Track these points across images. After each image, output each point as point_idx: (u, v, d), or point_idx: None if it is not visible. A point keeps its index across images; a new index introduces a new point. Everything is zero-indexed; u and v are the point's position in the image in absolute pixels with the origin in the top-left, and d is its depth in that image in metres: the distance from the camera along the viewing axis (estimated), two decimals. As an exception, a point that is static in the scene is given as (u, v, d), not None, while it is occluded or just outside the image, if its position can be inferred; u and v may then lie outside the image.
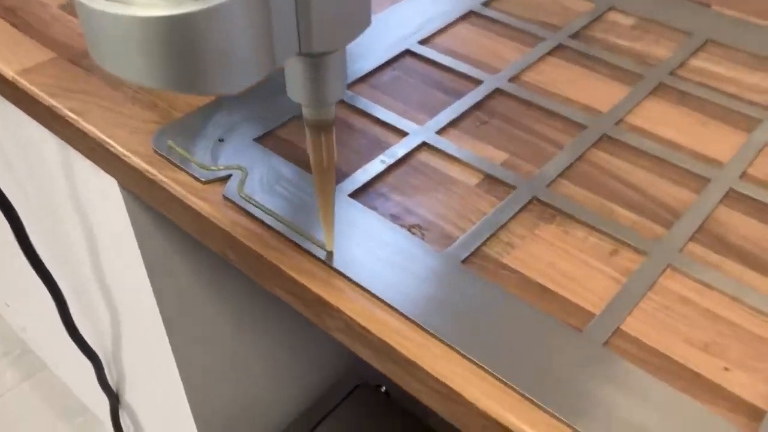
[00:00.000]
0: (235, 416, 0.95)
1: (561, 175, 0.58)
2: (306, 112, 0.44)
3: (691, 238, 0.52)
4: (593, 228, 0.53)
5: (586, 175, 0.58)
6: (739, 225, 0.54)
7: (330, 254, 0.50)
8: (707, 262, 0.51)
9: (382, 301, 0.47)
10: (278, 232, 0.52)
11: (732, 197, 0.56)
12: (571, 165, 0.59)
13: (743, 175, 0.58)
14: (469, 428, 0.44)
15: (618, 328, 0.46)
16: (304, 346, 1.01)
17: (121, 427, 1.09)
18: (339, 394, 1.12)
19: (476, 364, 0.44)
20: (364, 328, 0.47)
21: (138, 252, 0.69)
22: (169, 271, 0.74)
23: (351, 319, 0.47)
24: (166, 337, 0.77)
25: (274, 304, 0.87)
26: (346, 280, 0.49)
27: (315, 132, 0.45)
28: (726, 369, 0.44)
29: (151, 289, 0.73)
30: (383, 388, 1.13)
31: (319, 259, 0.50)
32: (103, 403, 1.08)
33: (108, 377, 1.01)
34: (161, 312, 0.75)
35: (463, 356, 0.44)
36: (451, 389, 0.43)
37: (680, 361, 0.45)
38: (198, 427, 0.89)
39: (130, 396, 1.05)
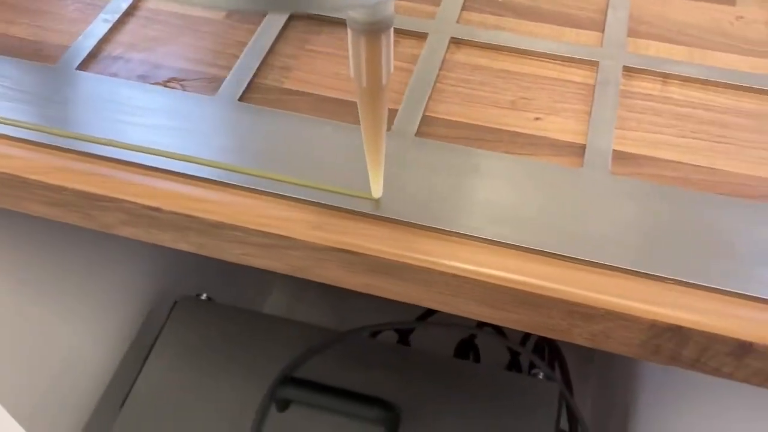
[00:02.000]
0: (47, 390, 0.83)
1: (314, -18, 0.51)
2: (360, 12, 0.30)
3: (464, 8, 0.49)
4: (366, 25, 0.48)
5: (340, -24, 0.52)
6: (504, -17, 0.51)
7: (377, 201, 0.38)
8: (487, 25, 0.48)
9: (169, 171, 0.39)
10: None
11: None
12: (320, -30, 0.52)
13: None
14: (306, 270, 0.39)
15: (423, 115, 0.43)
16: (101, 289, 0.89)
17: None
18: (160, 318, 1.03)
19: (301, 200, 0.38)
20: (151, 207, 0.39)
21: None
22: None
23: (133, 203, 0.39)
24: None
25: (50, 261, 0.74)
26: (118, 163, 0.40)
27: (372, 38, 0.30)
28: (537, 119, 0.43)
29: None
30: (204, 296, 1.06)
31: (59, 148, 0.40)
32: None
33: None
34: None
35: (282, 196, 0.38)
36: (273, 233, 0.38)
37: (494, 126, 0.42)
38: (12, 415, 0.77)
39: None
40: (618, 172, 0.40)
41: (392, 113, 0.43)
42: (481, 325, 0.80)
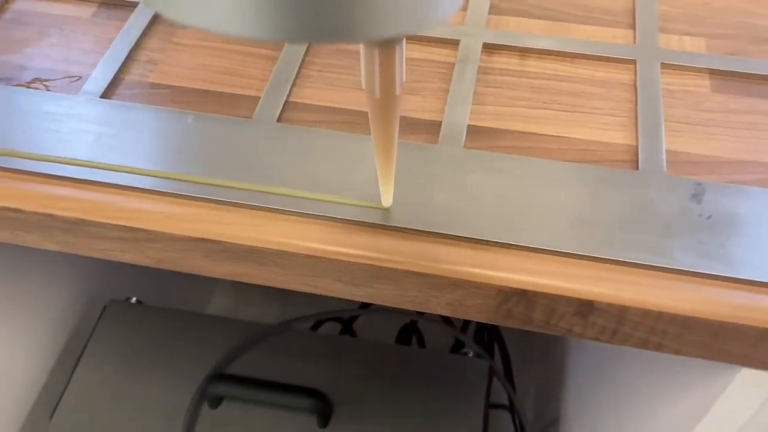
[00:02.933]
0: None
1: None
2: None
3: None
4: (234, 16, 0.48)
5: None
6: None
7: (387, 210, 0.38)
8: (353, 10, 0.49)
9: (28, 172, 0.39)
10: None
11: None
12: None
13: None
14: (173, 263, 0.39)
15: (287, 101, 0.43)
16: (29, 297, 0.88)
17: None
18: (91, 324, 1.02)
19: (157, 192, 0.39)
20: (12, 209, 0.39)
21: None
22: None
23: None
24: None
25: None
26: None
27: (387, 50, 0.29)
28: (398, 99, 0.43)
29: None
30: (134, 299, 1.05)
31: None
32: None
33: None
34: None
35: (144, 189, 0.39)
36: (130, 227, 0.38)
37: (355, 109, 0.43)
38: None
39: None
40: (472, 147, 0.41)
41: (254, 100, 0.43)
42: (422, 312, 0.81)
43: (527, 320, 0.37)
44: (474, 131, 0.42)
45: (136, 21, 0.48)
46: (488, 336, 0.95)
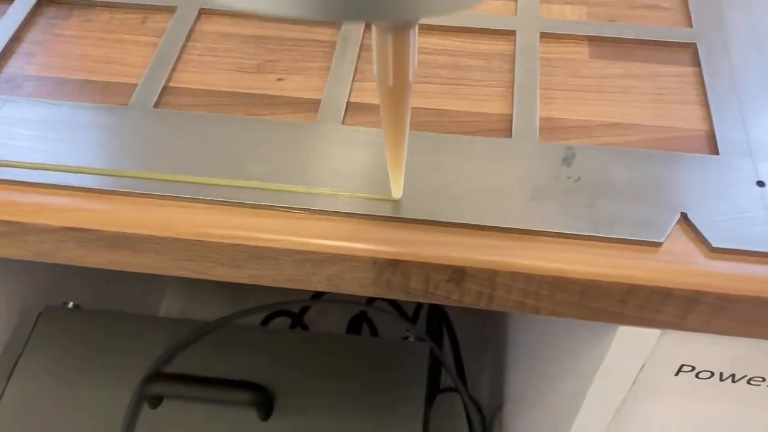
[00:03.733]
0: None
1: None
2: None
3: (218, -22, 0.49)
4: (115, 6, 0.48)
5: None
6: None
7: (398, 202, 0.37)
8: (238, -6, 0.48)
9: None
10: None
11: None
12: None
13: None
14: (52, 255, 0.39)
15: (166, 86, 0.43)
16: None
17: None
18: (25, 330, 1.00)
19: (28, 183, 0.38)
20: None
21: None
22: None
23: None
24: None
25: None
26: None
27: (400, 35, 0.28)
28: (280, 80, 0.43)
29: None
30: (71, 304, 1.04)
31: None
32: None
33: None
34: None
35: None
36: (4, 221, 0.37)
37: (237, 91, 0.43)
38: None
39: None
40: (351, 122, 0.41)
41: (130, 87, 0.43)
42: (372, 300, 0.81)
43: (406, 290, 0.37)
44: (354, 108, 0.42)
45: (15, 12, 0.47)
46: (437, 321, 0.95)
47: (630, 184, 0.37)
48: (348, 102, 0.42)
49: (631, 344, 0.39)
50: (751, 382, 0.42)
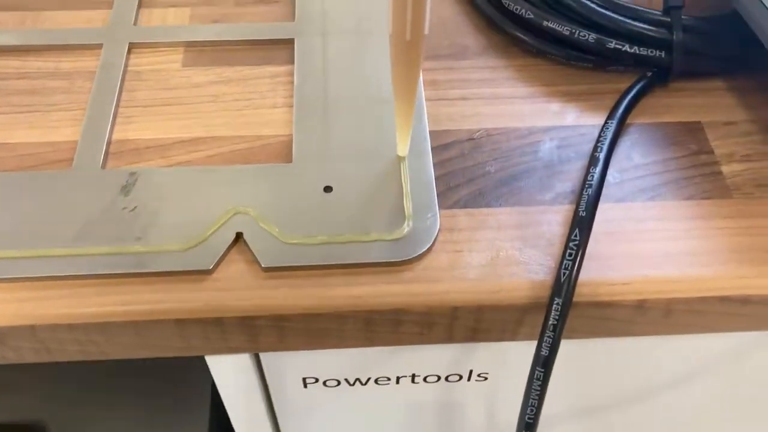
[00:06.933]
0: None
1: None
2: None
3: None
4: None
5: None
6: None
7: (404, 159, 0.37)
8: None
9: None
10: None
11: None
12: None
13: None
14: None
15: None
16: None
17: None
18: None
19: None
20: None
21: None
22: None
23: None
24: None
25: None
26: None
27: None
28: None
29: None
30: None
31: None
32: None
33: None
34: None
35: None
36: None
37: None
38: None
39: None
40: None
41: None
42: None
43: None
44: None
45: None
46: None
47: (188, 207, 0.35)
48: None
49: (229, 372, 0.38)
50: (379, 382, 0.41)
